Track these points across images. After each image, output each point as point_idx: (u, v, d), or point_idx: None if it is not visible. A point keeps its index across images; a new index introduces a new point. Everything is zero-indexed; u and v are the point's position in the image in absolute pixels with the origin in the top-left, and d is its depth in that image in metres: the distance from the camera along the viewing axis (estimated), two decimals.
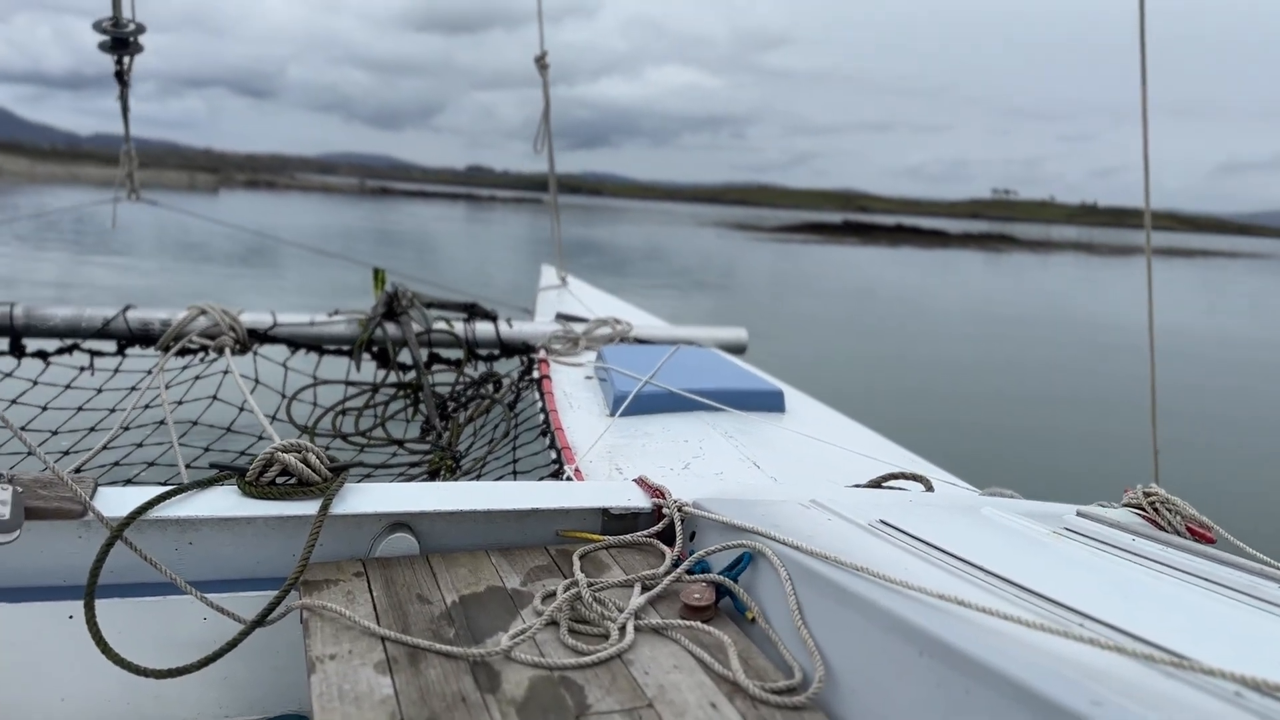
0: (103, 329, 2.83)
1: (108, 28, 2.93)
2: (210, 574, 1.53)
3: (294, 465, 1.53)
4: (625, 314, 3.43)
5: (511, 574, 1.47)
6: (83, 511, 1.45)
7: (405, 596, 1.39)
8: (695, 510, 1.56)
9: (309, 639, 1.28)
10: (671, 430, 2.24)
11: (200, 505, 1.51)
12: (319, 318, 3.02)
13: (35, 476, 1.50)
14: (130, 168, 3.53)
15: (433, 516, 1.56)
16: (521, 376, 2.99)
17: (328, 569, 1.49)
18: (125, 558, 1.45)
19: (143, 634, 1.49)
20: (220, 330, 2.84)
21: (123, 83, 3.18)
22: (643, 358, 2.69)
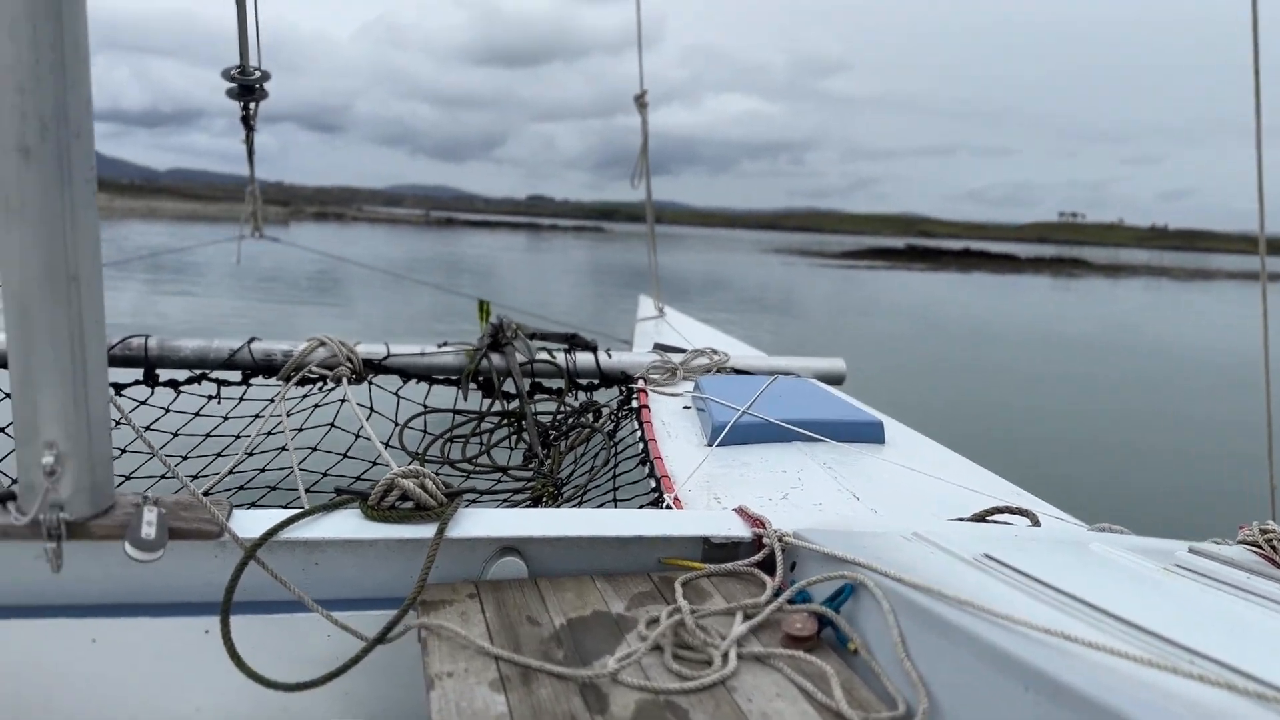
0: (229, 360, 2.99)
1: (235, 75, 3.13)
2: (334, 593, 1.61)
3: (412, 490, 1.61)
4: (722, 344, 3.48)
5: (615, 599, 1.51)
6: (219, 532, 1.55)
7: (516, 618, 1.45)
8: (796, 541, 1.58)
9: (427, 656, 1.34)
10: (770, 460, 2.26)
11: (326, 527, 1.60)
12: (429, 349, 3.14)
13: (176, 499, 1.61)
14: (255, 206, 3.73)
15: (540, 541, 1.62)
16: (621, 406, 3.05)
17: (443, 590, 1.55)
18: (257, 576, 1.54)
19: (272, 649, 1.57)
20: (338, 361, 2.98)
21: (248, 127, 3.39)
22: (740, 388, 2.72)
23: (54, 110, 1.32)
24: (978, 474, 2.32)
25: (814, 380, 3.08)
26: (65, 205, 1.36)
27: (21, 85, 1.29)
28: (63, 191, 1.35)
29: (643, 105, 3.56)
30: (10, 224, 1.35)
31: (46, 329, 1.39)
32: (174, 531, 1.51)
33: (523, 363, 3.13)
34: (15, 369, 1.42)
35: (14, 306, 1.39)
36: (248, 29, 2.98)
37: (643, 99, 3.56)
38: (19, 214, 1.34)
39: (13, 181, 1.33)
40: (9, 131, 1.31)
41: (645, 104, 3.56)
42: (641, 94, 3.54)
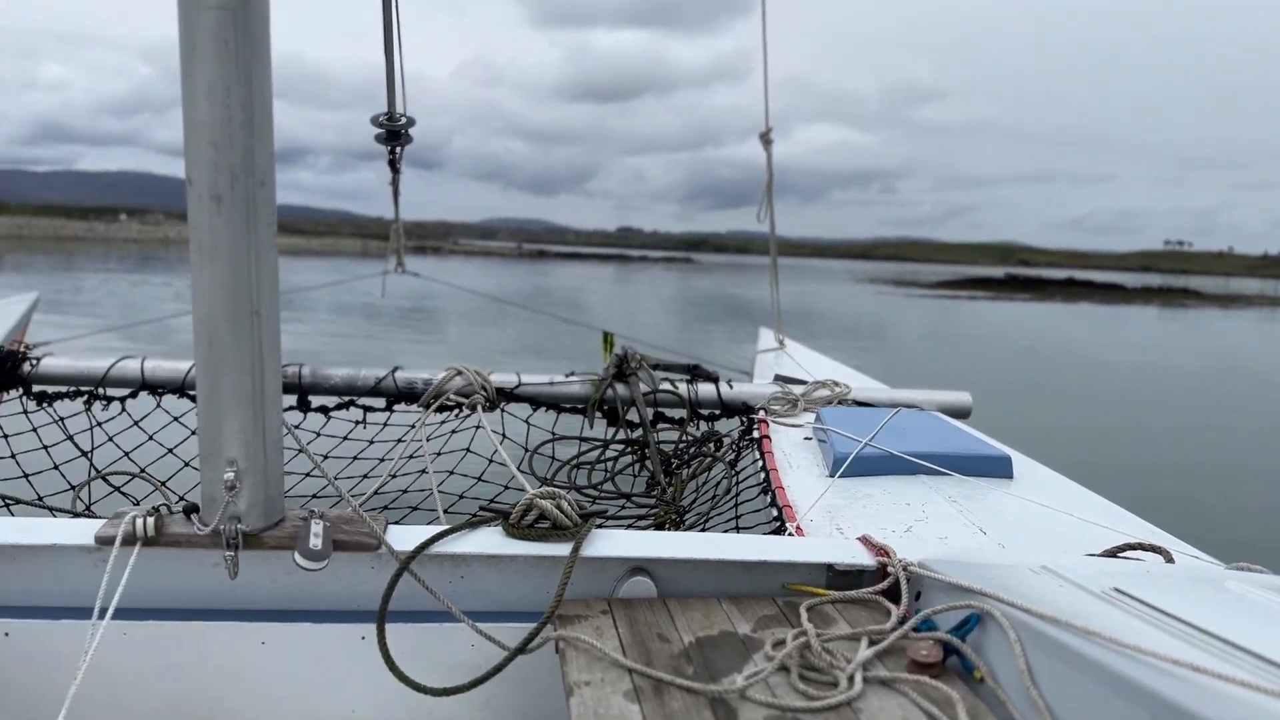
0: (374, 387, 3.19)
1: (383, 122, 3.37)
2: (477, 605, 1.71)
3: (549, 511, 1.72)
4: (844, 376, 3.50)
5: (742, 621, 1.57)
6: (377, 545, 1.67)
7: (647, 634, 1.52)
8: (921, 570, 1.61)
9: (566, 666, 1.42)
10: (893, 493, 2.27)
11: (471, 543, 1.70)
12: (557, 378, 3.28)
13: (339, 514, 1.74)
14: (398, 244, 3.98)
15: (669, 563, 1.68)
16: (742, 436, 3.09)
17: (578, 605, 1.64)
18: (408, 587, 1.65)
19: (421, 655, 1.68)
20: (473, 389, 3.14)
21: (395, 170, 3.63)
22: (862, 420, 2.73)
23: (243, 162, 1.48)
24: (1110, 510, 2.27)
25: (939, 413, 3.08)
26: (250, 246, 1.52)
27: (216, 141, 1.46)
28: (248, 234, 1.51)
29: (768, 142, 3.65)
30: (203, 262, 1.51)
31: (231, 358, 1.55)
32: (337, 544, 1.65)
33: (646, 393, 3.23)
34: (202, 393, 1.58)
35: (203, 336, 1.55)
36: (394, 79, 3.21)
37: (768, 136, 3.65)
38: (210, 254, 1.50)
39: (206, 225, 1.49)
40: (204, 181, 1.48)
41: (770, 140, 3.65)
42: (767, 131, 3.63)
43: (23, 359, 3.10)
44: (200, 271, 1.51)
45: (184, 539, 1.63)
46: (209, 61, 1.42)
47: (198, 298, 1.53)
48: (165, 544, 1.63)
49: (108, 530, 1.63)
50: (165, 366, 3.13)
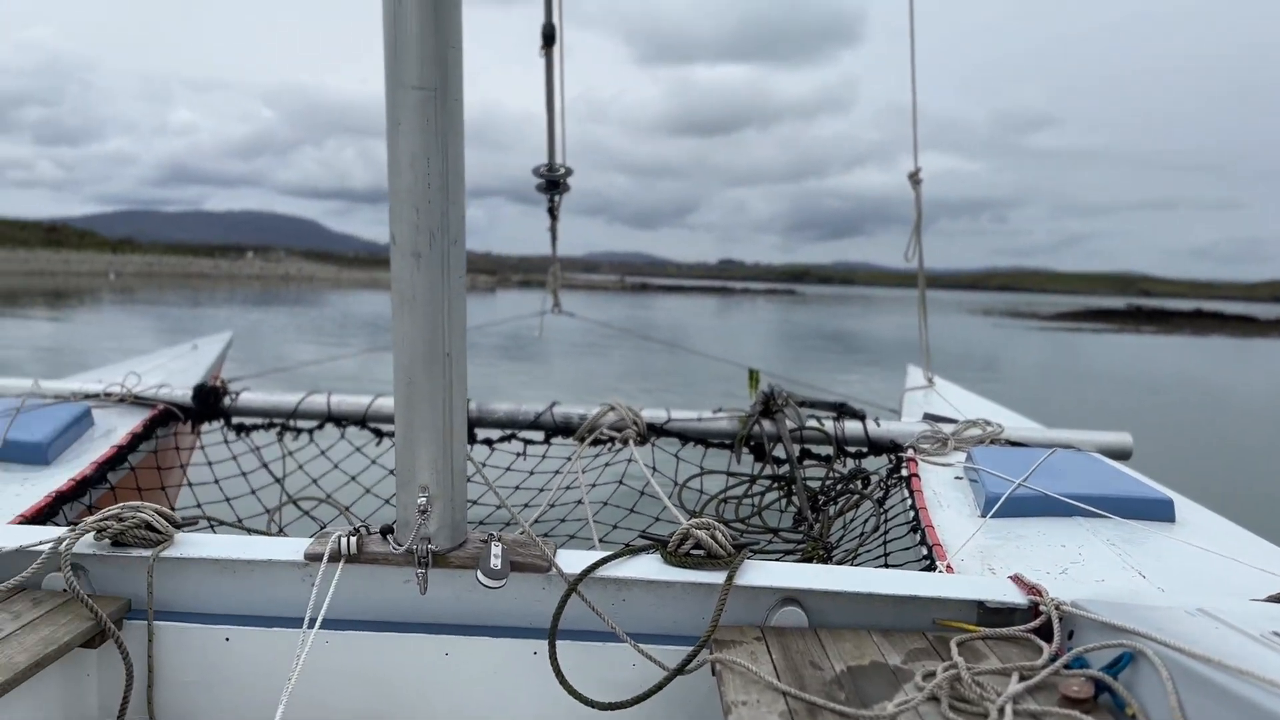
0: (534, 421, 3.36)
1: (543, 172, 3.59)
2: (637, 626, 1.81)
3: (704, 540, 1.82)
4: (996, 415, 3.46)
5: (892, 652, 1.61)
6: (548, 567, 1.80)
7: (799, 661, 1.59)
8: (1074, 609, 1.62)
9: (723, 687, 1.51)
10: (1047, 534, 2.25)
11: (632, 569, 1.81)
12: (705, 414, 3.38)
13: (514, 538, 1.88)
14: (555, 285, 4.19)
15: (820, 594, 1.75)
16: (890, 474, 3.10)
17: (732, 631, 1.72)
18: (575, 607, 1.77)
19: (586, 672, 1.78)
20: (625, 424, 3.27)
21: (554, 216, 3.85)
22: (1016, 460, 2.70)
23: (440, 223, 1.64)
24: (1276, 556, 2.22)
25: (1097, 455, 3.02)
26: (444, 297, 1.68)
27: (417, 205, 1.63)
28: (443, 286, 1.68)
29: (916, 182, 3.70)
30: (403, 312, 1.68)
31: (426, 395, 1.71)
32: (514, 565, 1.78)
33: (793, 429, 3.28)
34: (400, 426, 1.74)
35: (402, 377, 1.72)
36: (554, 133, 3.43)
37: (917, 175, 3.70)
38: (410, 304, 1.68)
39: (407, 279, 1.66)
40: (407, 240, 1.65)
41: (919, 180, 3.70)
42: (915, 171, 3.68)
43: (223, 393, 3.40)
44: (400, 319, 1.69)
45: (381, 557, 1.79)
46: (412, 135, 1.59)
47: (398, 343, 1.70)
48: (364, 561, 1.80)
49: (315, 548, 1.82)
50: (349, 401, 3.40)
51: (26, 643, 1.60)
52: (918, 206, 3.70)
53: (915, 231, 3.74)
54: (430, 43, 1.55)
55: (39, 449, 2.71)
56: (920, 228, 3.70)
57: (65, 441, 2.86)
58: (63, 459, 2.79)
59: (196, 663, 1.83)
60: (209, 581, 1.86)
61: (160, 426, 3.26)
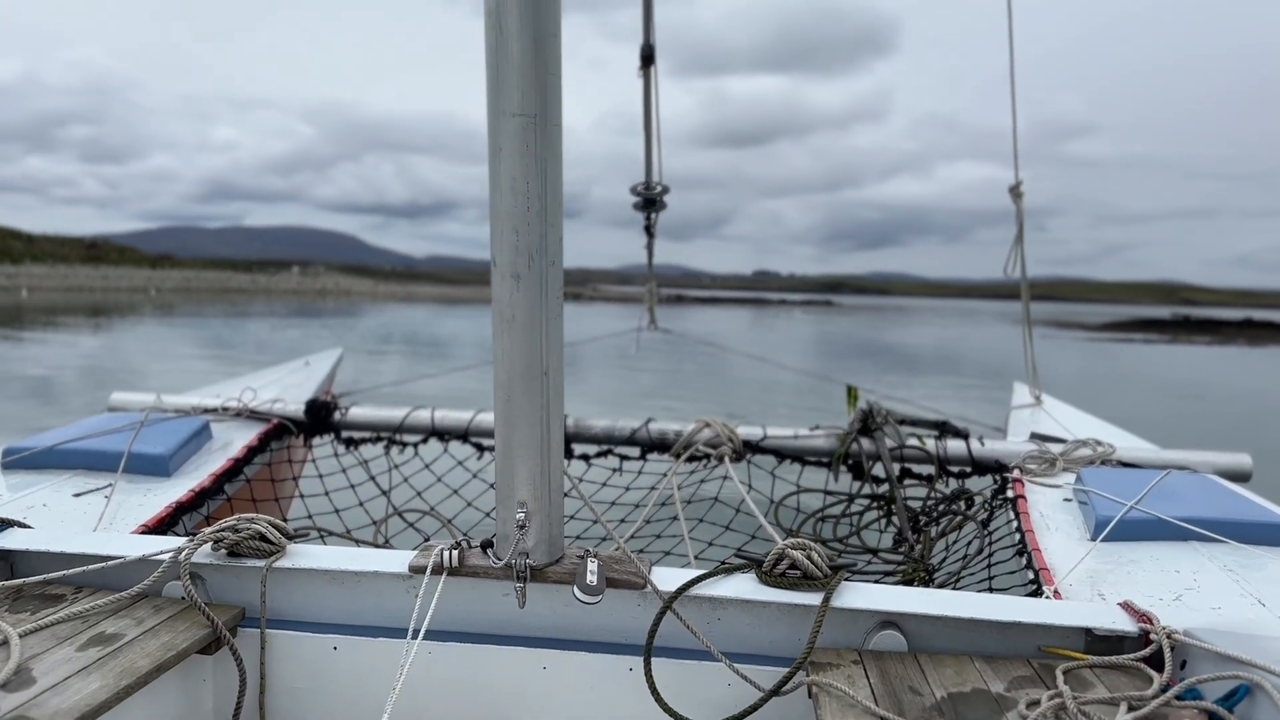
0: (630, 437, 3.37)
1: (640, 190, 3.62)
2: (731, 646, 1.80)
3: (800, 561, 1.80)
4: (1107, 435, 3.38)
5: (995, 679, 1.58)
6: (643, 584, 1.80)
7: (898, 686, 1.56)
8: (1186, 639, 1.57)
9: (820, 710, 1.49)
10: (1161, 559, 2.17)
11: (727, 588, 1.80)
12: (802, 432, 3.35)
13: (610, 554, 1.89)
14: (651, 302, 4.21)
15: (920, 619, 1.72)
16: (995, 495, 3.02)
17: (828, 654, 1.70)
18: (669, 625, 1.77)
19: (680, 690, 1.78)
20: (721, 441, 3.26)
21: (650, 234, 3.88)
22: (1128, 481, 2.62)
23: (539, 245, 1.67)
24: None
25: (1214, 476, 2.95)
26: (543, 317, 1.71)
27: (517, 228, 1.66)
28: (542, 306, 1.70)
29: (1018, 195, 3.67)
30: (503, 331, 1.71)
31: (524, 412, 1.74)
32: (610, 581, 1.79)
33: (892, 448, 3.24)
34: (500, 443, 1.77)
35: (502, 394, 1.75)
36: (652, 152, 3.45)
37: (1018, 189, 3.66)
38: (510, 324, 1.70)
39: (507, 299, 1.69)
40: (507, 261, 1.68)
41: (1021, 194, 3.67)
42: (1017, 185, 3.64)
43: (334, 408, 3.51)
44: (500, 339, 1.72)
45: (481, 570, 1.83)
46: (513, 160, 1.63)
47: (499, 360, 1.73)
48: (465, 574, 1.83)
49: (419, 560, 1.85)
50: (452, 416, 3.48)
51: (148, 648, 1.66)
52: (1019, 219, 3.66)
53: (1017, 243, 3.69)
54: (531, 71, 1.58)
55: (161, 461, 2.81)
56: (1022, 239, 3.65)
57: (185, 454, 2.97)
58: (183, 471, 2.89)
59: (306, 670, 1.89)
60: (318, 591, 1.91)
61: (274, 440, 3.37)
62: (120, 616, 1.78)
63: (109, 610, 1.81)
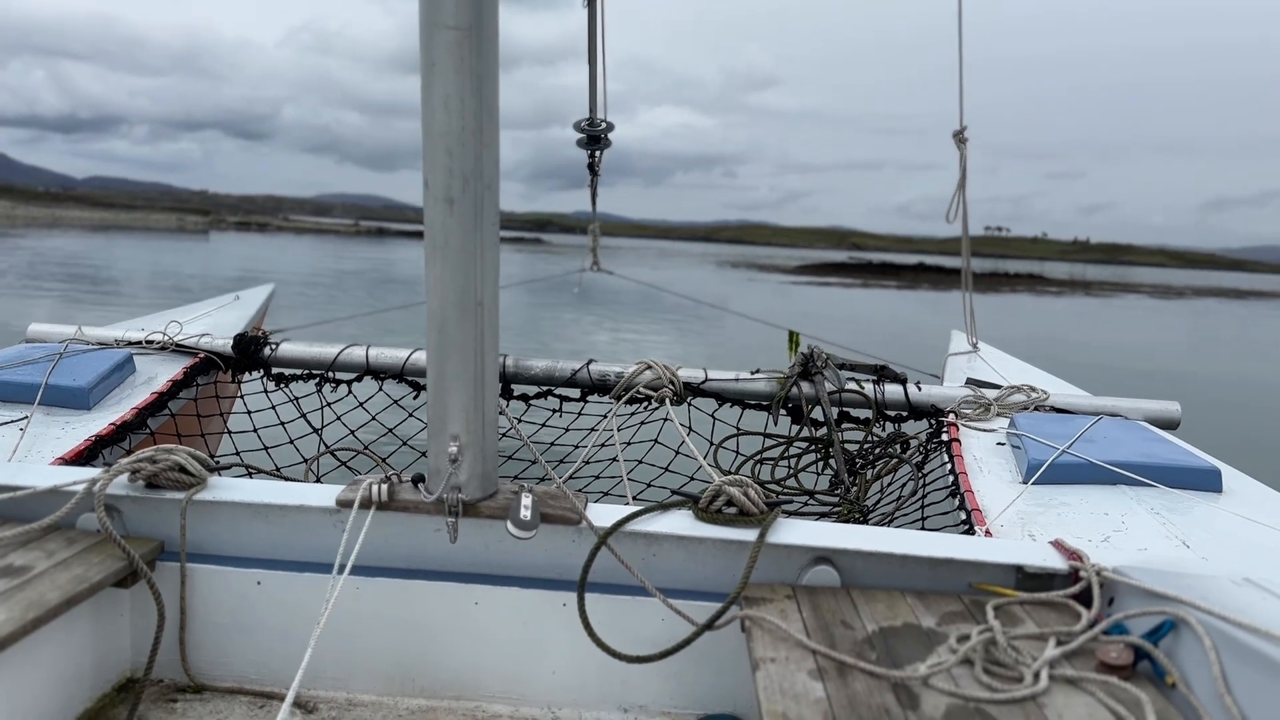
0: (570, 378, 3.34)
1: (584, 127, 3.54)
2: (667, 582, 1.81)
3: (737, 498, 1.80)
4: (1041, 382, 3.39)
5: (926, 615, 1.59)
6: (579, 520, 1.79)
7: (830, 620, 1.57)
8: (1115, 576, 1.59)
9: (752, 643, 1.50)
10: (1090, 502, 2.21)
11: (663, 524, 1.80)
12: (743, 375, 3.34)
13: (545, 490, 1.87)
14: (594, 243, 4.16)
15: (854, 554, 1.73)
16: (930, 439, 3.06)
17: (763, 589, 1.71)
18: (605, 561, 1.76)
19: (615, 625, 1.79)
20: (662, 383, 3.25)
21: (594, 172, 3.80)
22: (1060, 427, 2.65)
23: (473, 168, 1.61)
24: None
25: (1143, 423, 2.96)
26: (476, 244, 1.65)
27: (450, 148, 1.59)
28: (476, 233, 1.65)
29: (962, 141, 3.60)
30: (435, 259, 1.66)
31: (457, 344, 1.69)
32: (544, 516, 1.78)
33: (831, 391, 3.24)
34: (432, 375, 1.73)
35: (434, 325, 1.70)
36: (595, 87, 3.37)
37: (962, 135, 3.60)
38: (442, 251, 1.65)
39: (439, 225, 1.64)
40: (439, 185, 1.62)
41: (965, 140, 3.60)
42: (961, 130, 3.58)
43: (264, 343, 3.41)
44: (433, 266, 1.67)
45: (412, 505, 1.80)
46: (447, 76, 1.56)
47: (430, 289, 1.68)
48: (395, 509, 1.80)
49: (347, 494, 1.82)
50: (387, 354, 3.40)
51: (59, 580, 1.61)
52: (962, 165, 3.60)
53: (959, 190, 3.63)
54: None
55: (81, 394, 2.73)
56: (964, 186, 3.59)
57: (107, 387, 2.88)
58: (104, 404, 2.81)
59: (228, 605, 1.86)
60: (242, 525, 1.87)
61: (201, 375, 3.28)
62: (30, 549, 1.73)
63: (17, 542, 1.75)
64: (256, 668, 1.88)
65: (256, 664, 1.88)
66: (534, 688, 1.84)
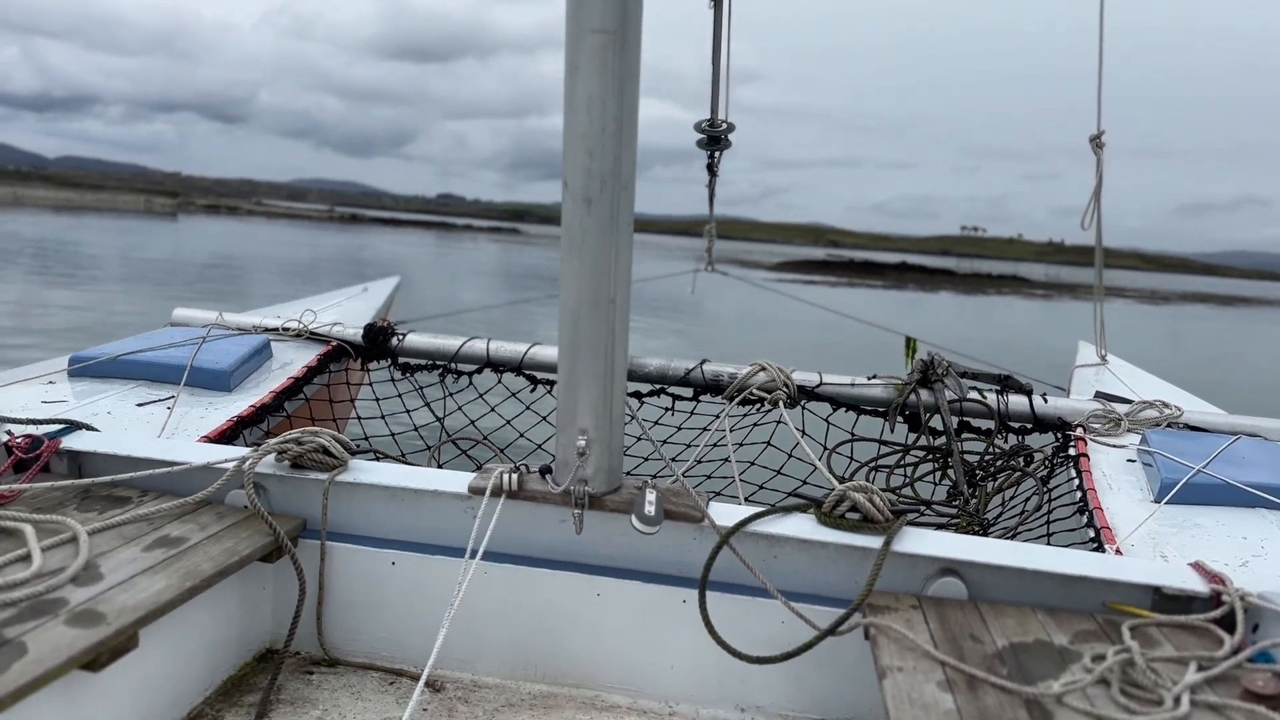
0: (684, 377, 3.35)
1: (705, 127, 3.54)
2: (788, 585, 1.80)
3: (862, 504, 1.78)
4: (1174, 397, 3.28)
5: (1058, 632, 1.55)
6: (701, 518, 1.80)
7: (958, 633, 1.54)
8: (1260, 601, 1.54)
9: (877, 650, 1.48)
10: (1227, 524, 2.12)
11: (785, 526, 1.79)
12: (859, 380, 3.30)
13: (668, 487, 1.89)
14: (710, 243, 4.16)
15: (983, 568, 1.69)
16: (1056, 453, 2.96)
17: (887, 597, 1.69)
18: (726, 560, 1.76)
19: (733, 625, 1.78)
20: (776, 385, 3.23)
21: (712, 173, 3.81)
22: (1195, 445, 2.55)
23: (611, 169, 1.63)
24: None
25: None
26: (612, 243, 1.68)
27: (590, 149, 1.62)
28: (612, 233, 1.67)
29: (1099, 146, 3.50)
30: (571, 256, 1.69)
31: (589, 340, 1.72)
32: (667, 513, 1.79)
33: (952, 400, 3.17)
34: (563, 370, 1.76)
35: (567, 320, 1.73)
36: (718, 87, 3.37)
37: (1099, 140, 3.50)
38: (579, 249, 1.68)
39: (577, 224, 1.66)
40: (578, 185, 1.64)
41: (1102, 145, 3.50)
42: (1098, 134, 3.48)
43: (391, 334, 3.53)
44: (569, 264, 1.70)
45: (540, 495, 1.83)
46: (590, 79, 1.58)
47: (565, 286, 1.71)
48: (523, 498, 1.84)
49: (479, 482, 1.87)
50: (506, 348, 3.48)
51: (211, 552, 1.69)
52: (1098, 172, 3.49)
53: (1095, 197, 3.52)
54: None
55: (223, 376, 2.86)
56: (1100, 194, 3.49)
57: (246, 370, 3.01)
58: (243, 387, 2.94)
59: (363, 583, 1.92)
60: (378, 507, 1.93)
61: (333, 362, 3.40)
62: (184, 521, 1.82)
63: (173, 514, 1.84)
64: (387, 645, 1.94)
65: (387, 641, 1.93)
66: (652, 681, 1.86)
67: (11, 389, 2.61)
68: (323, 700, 1.79)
